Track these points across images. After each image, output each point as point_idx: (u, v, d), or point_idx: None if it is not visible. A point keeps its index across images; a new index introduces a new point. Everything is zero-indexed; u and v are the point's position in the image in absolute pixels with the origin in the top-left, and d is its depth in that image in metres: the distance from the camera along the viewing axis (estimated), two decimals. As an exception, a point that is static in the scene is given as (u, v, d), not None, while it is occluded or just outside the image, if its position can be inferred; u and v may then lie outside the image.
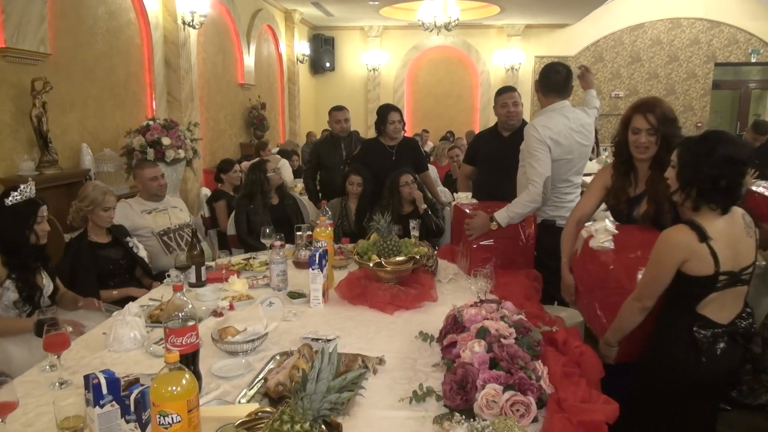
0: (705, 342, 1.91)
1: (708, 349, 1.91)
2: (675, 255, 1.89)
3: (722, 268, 1.85)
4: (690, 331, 1.92)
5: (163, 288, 2.88)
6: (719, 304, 1.92)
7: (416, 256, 2.60)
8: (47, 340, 1.82)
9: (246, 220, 4.16)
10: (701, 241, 1.85)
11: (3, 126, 3.89)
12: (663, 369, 2.00)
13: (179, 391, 1.20)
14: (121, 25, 5.33)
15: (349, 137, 4.88)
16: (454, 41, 12.02)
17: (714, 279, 1.87)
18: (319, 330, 2.23)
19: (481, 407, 1.51)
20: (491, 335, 1.73)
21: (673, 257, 1.90)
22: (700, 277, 1.87)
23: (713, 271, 1.85)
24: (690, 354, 1.92)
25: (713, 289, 1.89)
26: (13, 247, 2.50)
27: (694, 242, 1.86)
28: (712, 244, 1.85)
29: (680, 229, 1.90)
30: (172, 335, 1.68)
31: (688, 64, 11.82)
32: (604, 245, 2.23)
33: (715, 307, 1.92)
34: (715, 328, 1.92)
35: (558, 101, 2.99)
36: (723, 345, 1.92)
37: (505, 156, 3.44)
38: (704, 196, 1.88)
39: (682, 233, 1.89)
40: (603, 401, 1.58)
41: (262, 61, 9.27)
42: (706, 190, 1.86)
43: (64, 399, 1.72)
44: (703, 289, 1.90)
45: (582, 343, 1.91)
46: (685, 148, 1.96)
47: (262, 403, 1.68)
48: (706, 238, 1.85)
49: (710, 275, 1.86)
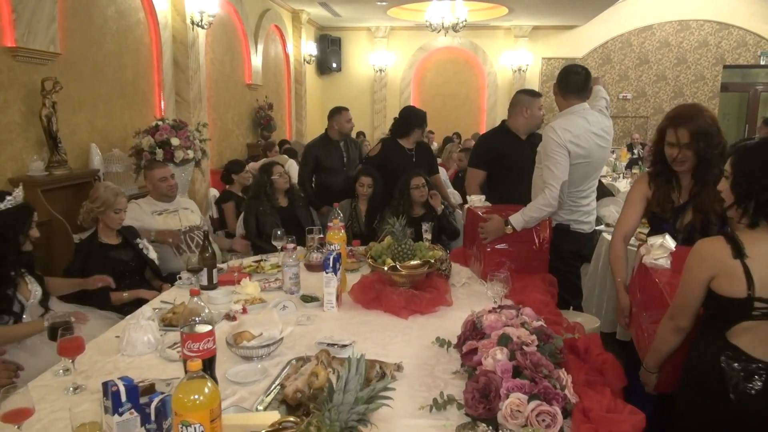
0: (734, 376, 1.68)
1: (738, 385, 1.67)
2: (703, 269, 1.74)
3: (758, 293, 1.65)
4: (716, 360, 1.71)
5: (174, 290, 2.86)
6: (757, 337, 1.68)
7: (431, 260, 2.57)
8: (61, 344, 1.80)
9: (255, 221, 4.14)
10: (735, 258, 1.67)
11: (13, 126, 3.87)
12: (687, 402, 1.83)
13: (202, 401, 1.18)
14: (130, 25, 5.31)
15: (345, 138, 4.86)
16: (461, 42, 11.98)
17: (747, 304, 1.66)
18: (333, 335, 2.20)
19: (506, 417, 1.47)
20: (513, 342, 1.70)
21: (700, 271, 1.75)
22: (732, 298, 1.68)
23: (746, 295, 1.66)
24: (716, 388, 1.71)
25: (747, 316, 1.67)
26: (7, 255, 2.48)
27: (726, 257, 1.69)
28: (747, 263, 1.66)
29: (714, 241, 1.75)
30: (189, 340, 1.66)
31: (696, 67, 11.76)
32: (658, 262, 2.08)
33: (750, 339, 1.69)
34: (749, 362, 1.67)
35: (577, 103, 2.95)
36: (760, 385, 1.65)
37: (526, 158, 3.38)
38: (764, 211, 1.68)
39: (715, 245, 1.73)
40: (629, 411, 1.54)
41: (270, 62, 9.26)
42: (766, 203, 1.68)
43: (78, 405, 1.70)
44: (735, 314, 1.70)
45: (603, 351, 1.87)
46: (740, 156, 1.75)
47: (279, 410, 1.66)
48: (741, 254, 1.67)
49: (743, 298, 1.67)
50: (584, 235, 3.09)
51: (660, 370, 1.99)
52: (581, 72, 2.96)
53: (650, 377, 2.03)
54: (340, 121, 4.77)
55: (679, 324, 1.85)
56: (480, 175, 3.68)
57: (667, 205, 2.29)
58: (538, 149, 3.02)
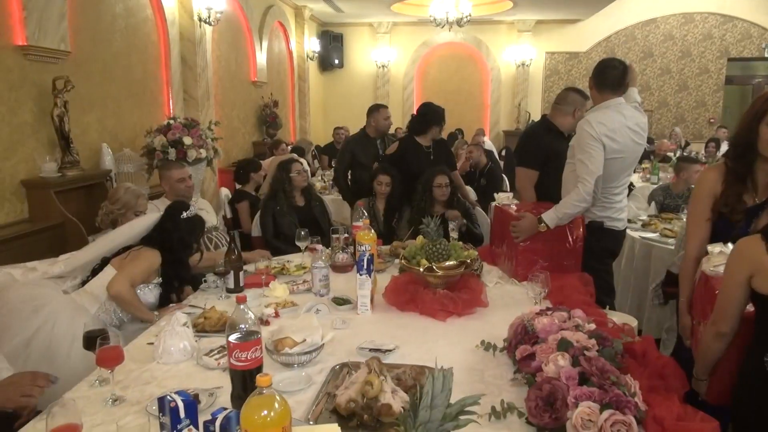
0: None
1: None
2: (740, 268, 1.71)
3: None
4: (761, 360, 1.67)
5: (201, 294, 2.78)
6: None
7: (467, 260, 2.50)
8: (101, 354, 1.72)
9: (272, 221, 4.07)
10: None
11: (25, 126, 3.79)
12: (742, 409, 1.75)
13: (274, 418, 1.11)
14: (138, 22, 5.22)
15: (383, 136, 4.88)
16: (464, 37, 11.90)
17: None
18: (374, 339, 2.13)
19: (576, 427, 1.41)
20: (574, 347, 1.63)
21: (738, 270, 1.71)
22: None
23: None
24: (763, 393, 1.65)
25: None
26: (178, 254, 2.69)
27: (761, 254, 1.64)
28: None
29: (750, 240, 1.71)
30: (237, 350, 1.59)
31: (701, 60, 11.70)
32: (718, 270, 1.96)
33: None
34: None
35: (612, 98, 2.87)
36: None
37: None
38: None
39: (751, 243, 1.69)
40: (700, 419, 1.48)
41: (274, 59, 9.17)
42: None
43: (122, 418, 1.63)
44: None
45: (661, 354, 1.80)
46: None
47: (330, 419, 1.59)
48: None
49: None
50: (618, 232, 3.02)
51: (716, 379, 1.91)
52: (618, 66, 2.88)
53: (701, 385, 1.95)
54: (377, 119, 4.77)
55: (720, 329, 1.79)
56: (534, 176, 3.42)
57: (738, 206, 2.08)
58: (570, 144, 2.95)
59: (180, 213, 2.71)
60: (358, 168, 4.76)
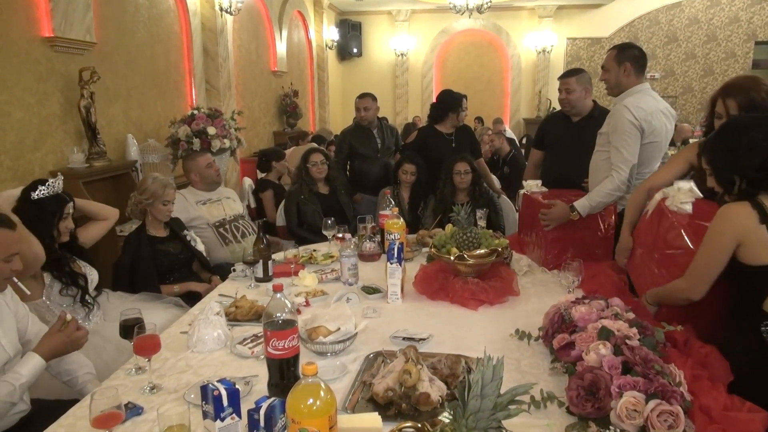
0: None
1: None
2: (729, 233, 1.74)
3: None
4: (758, 332, 1.70)
5: (230, 283, 2.79)
6: None
7: (498, 249, 2.47)
8: (138, 342, 1.73)
9: (296, 210, 4.06)
10: (762, 223, 1.68)
11: (53, 118, 3.82)
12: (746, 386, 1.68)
13: (320, 407, 1.10)
14: (160, 13, 5.23)
15: (380, 125, 4.72)
16: (483, 24, 11.76)
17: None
18: (406, 328, 2.12)
19: (620, 417, 1.38)
20: (615, 336, 1.60)
21: (726, 236, 1.74)
22: (761, 266, 1.70)
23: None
24: (763, 362, 1.69)
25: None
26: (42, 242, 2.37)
27: (752, 222, 1.69)
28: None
29: (741, 205, 1.74)
30: (274, 338, 1.59)
31: (727, 44, 11.43)
32: (683, 207, 2.09)
33: None
34: None
35: (639, 83, 2.83)
36: None
37: (573, 142, 3.31)
38: (756, 186, 1.73)
39: (742, 209, 1.72)
40: (748, 409, 1.45)
41: (293, 48, 9.14)
42: (755, 180, 1.73)
43: (160, 405, 1.63)
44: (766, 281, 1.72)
45: (704, 344, 1.77)
46: (709, 151, 1.85)
47: (367, 408, 1.59)
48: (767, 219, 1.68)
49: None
50: None
51: None
52: (640, 49, 2.89)
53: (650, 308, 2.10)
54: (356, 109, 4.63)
55: (693, 296, 1.87)
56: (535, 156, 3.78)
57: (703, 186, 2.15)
58: (601, 131, 2.90)
59: (29, 193, 2.43)
60: (358, 159, 4.65)
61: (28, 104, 3.59)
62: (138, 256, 3.00)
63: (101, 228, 2.82)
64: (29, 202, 2.40)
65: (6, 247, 1.81)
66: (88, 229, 2.78)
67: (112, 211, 2.91)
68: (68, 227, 2.53)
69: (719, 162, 1.82)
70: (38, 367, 1.80)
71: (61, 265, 2.43)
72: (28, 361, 1.78)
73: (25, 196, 2.42)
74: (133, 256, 3.00)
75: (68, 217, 2.52)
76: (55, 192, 2.48)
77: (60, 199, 2.49)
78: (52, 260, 2.39)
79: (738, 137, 1.75)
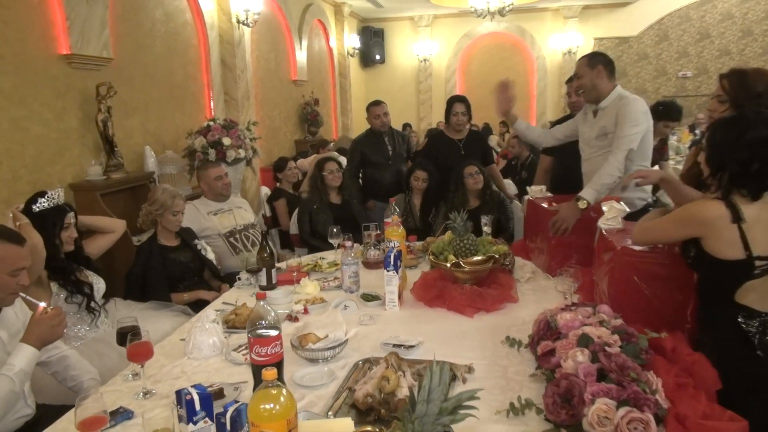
0: (756, 332, 1.76)
1: (762, 340, 1.75)
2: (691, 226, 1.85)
3: (756, 252, 1.75)
4: (735, 323, 1.79)
5: (234, 291, 2.85)
6: (762, 293, 1.79)
7: (495, 255, 2.47)
8: (131, 349, 1.80)
9: (309, 220, 4.11)
10: (733, 222, 1.75)
11: (71, 132, 3.95)
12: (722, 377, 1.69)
13: (279, 411, 1.13)
14: (177, 27, 5.37)
15: (390, 132, 4.74)
16: (507, 27, 11.70)
17: (749, 264, 1.76)
18: (399, 335, 2.13)
19: (592, 424, 1.38)
20: (594, 343, 1.59)
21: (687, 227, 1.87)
22: (732, 261, 1.77)
23: (745, 256, 1.75)
24: (742, 351, 1.77)
25: (751, 276, 1.77)
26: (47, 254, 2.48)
27: (722, 221, 1.76)
28: (743, 227, 1.75)
29: (714, 204, 1.80)
30: (257, 345, 1.63)
31: (764, 38, 11.07)
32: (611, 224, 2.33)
33: (757, 296, 1.79)
34: (761, 317, 1.77)
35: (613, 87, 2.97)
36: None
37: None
38: (735, 182, 1.79)
39: (714, 207, 1.79)
40: (728, 418, 1.42)
41: (314, 57, 9.25)
42: (737, 174, 1.78)
43: (150, 410, 1.70)
44: (739, 275, 1.79)
45: (692, 351, 1.74)
46: (713, 130, 1.89)
47: (349, 414, 1.61)
48: (739, 219, 1.75)
49: (743, 260, 1.76)
50: None
51: None
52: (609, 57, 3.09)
53: None
54: (369, 117, 4.68)
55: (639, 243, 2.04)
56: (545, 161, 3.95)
57: None
58: (605, 131, 2.90)
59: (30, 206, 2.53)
60: (370, 167, 4.66)
61: (46, 120, 3.73)
62: (149, 265, 3.09)
63: (108, 240, 2.92)
64: (31, 215, 2.50)
65: (13, 261, 1.88)
66: (96, 240, 2.88)
67: (118, 223, 3.01)
68: (71, 236, 2.62)
69: (717, 142, 1.85)
70: (30, 355, 1.83)
71: (66, 274, 2.52)
72: (18, 352, 1.83)
73: (27, 208, 2.53)
74: (144, 265, 3.09)
75: (70, 226, 2.61)
76: (55, 203, 2.58)
77: (60, 209, 2.59)
78: (58, 269, 2.48)
79: (745, 128, 1.78)
